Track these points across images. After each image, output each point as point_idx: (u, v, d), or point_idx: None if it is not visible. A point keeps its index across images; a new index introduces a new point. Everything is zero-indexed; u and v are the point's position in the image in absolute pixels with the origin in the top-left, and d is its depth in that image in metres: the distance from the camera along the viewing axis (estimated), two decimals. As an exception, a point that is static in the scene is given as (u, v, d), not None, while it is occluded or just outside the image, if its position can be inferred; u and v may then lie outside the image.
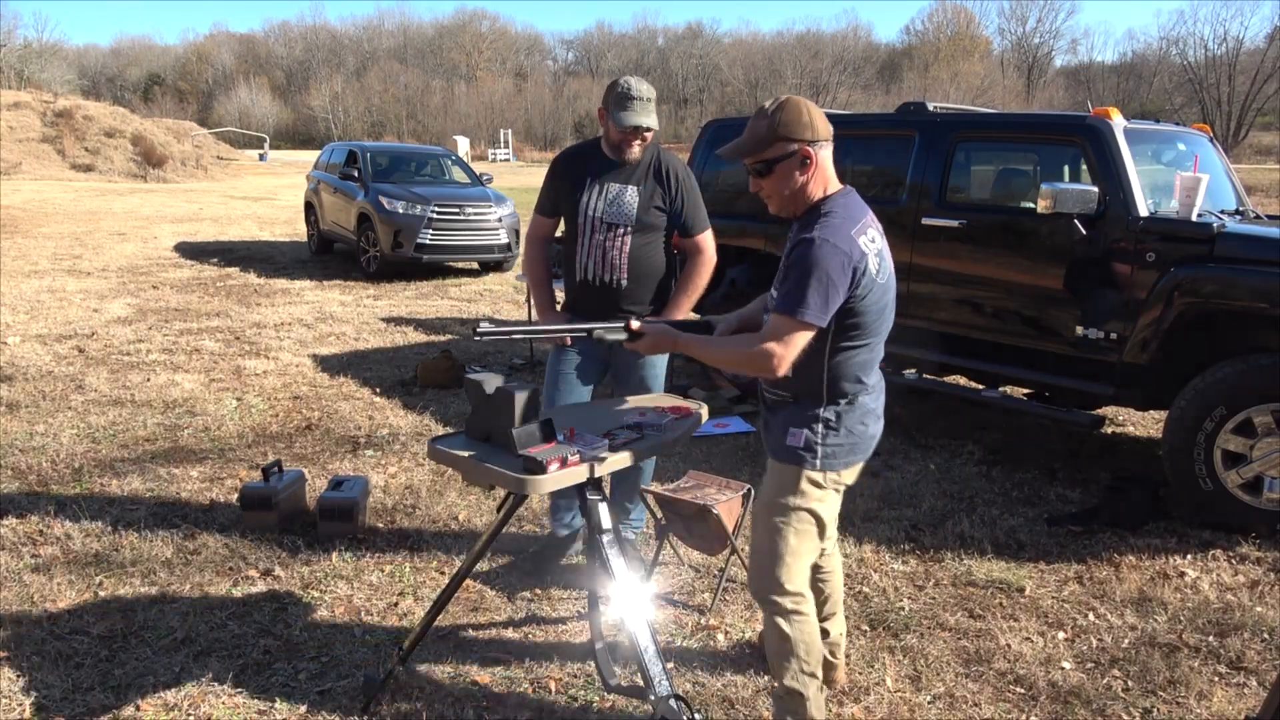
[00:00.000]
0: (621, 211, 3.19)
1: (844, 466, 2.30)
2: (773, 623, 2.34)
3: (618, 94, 3.09)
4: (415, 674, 2.79)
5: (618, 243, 3.20)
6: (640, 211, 3.19)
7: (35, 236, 13.71)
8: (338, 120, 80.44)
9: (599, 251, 3.22)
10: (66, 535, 3.72)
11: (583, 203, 3.21)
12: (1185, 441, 3.89)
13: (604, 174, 3.22)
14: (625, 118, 3.07)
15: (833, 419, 2.26)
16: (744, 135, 2.21)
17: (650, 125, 3.11)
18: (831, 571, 2.66)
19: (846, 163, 5.49)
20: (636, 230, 3.21)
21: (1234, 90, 56.27)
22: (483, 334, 2.28)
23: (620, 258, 3.21)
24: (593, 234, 3.21)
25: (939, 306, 4.90)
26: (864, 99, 69.41)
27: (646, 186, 3.20)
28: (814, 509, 2.29)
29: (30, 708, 2.61)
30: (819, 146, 2.17)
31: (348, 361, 6.78)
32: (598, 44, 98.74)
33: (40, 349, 6.85)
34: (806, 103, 2.18)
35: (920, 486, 4.44)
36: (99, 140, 29.05)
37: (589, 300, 3.29)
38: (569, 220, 3.31)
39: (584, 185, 3.22)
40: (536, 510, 4.04)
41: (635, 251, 3.22)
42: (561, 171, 3.32)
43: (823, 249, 2.08)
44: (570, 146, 3.45)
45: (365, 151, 12.19)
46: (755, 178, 2.24)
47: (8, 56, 56.27)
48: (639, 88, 3.10)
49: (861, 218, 2.20)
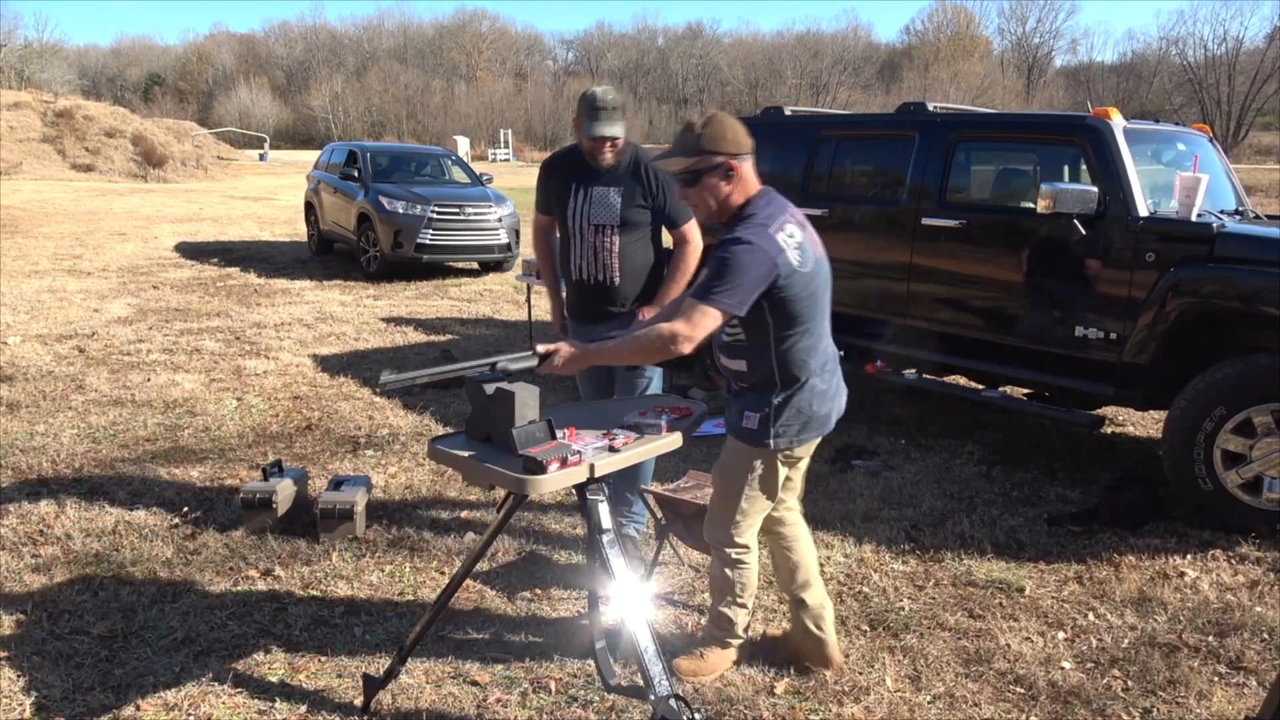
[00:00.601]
0: (607, 212, 3.32)
1: (794, 444, 2.55)
2: (720, 565, 2.73)
3: (586, 105, 3.23)
4: (415, 674, 2.79)
5: (607, 242, 3.34)
6: (624, 211, 3.31)
7: (35, 236, 13.71)
8: (338, 120, 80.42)
9: (591, 252, 3.36)
10: (66, 535, 3.72)
11: (570, 207, 3.36)
12: (1185, 441, 3.89)
13: (587, 178, 3.34)
14: (593, 128, 3.21)
15: (781, 402, 2.50)
16: (674, 147, 2.44)
17: (615, 135, 3.24)
18: (797, 539, 2.82)
19: (847, 163, 5.50)
20: (623, 229, 3.33)
21: (1234, 90, 56.29)
22: (385, 384, 2.29)
23: (610, 257, 3.35)
24: (583, 236, 3.36)
25: (939, 306, 4.90)
26: (864, 99, 69.41)
27: (627, 187, 3.31)
28: (764, 479, 2.60)
29: (30, 708, 2.61)
30: (741, 159, 2.42)
31: (348, 361, 6.78)
32: (598, 44, 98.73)
33: (40, 349, 6.85)
34: (732, 120, 2.44)
35: (920, 486, 4.44)
36: (99, 140, 29.04)
37: (585, 298, 3.46)
38: (560, 224, 3.47)
39: (570, 191, 3.36)
40: (536, 510, 4.04)
41: (625, 249, 3.35)
42: (548, 176, 3.48)
43: (740, 247, 2.32)
44: (555, 153, 3.57)
45: (365, 151, 12.19)
46: (683, 187, 2.48)
47: (8, 56, 56.27)
48: (605, 98, 3.22)
49: (780, 215, 2.42)
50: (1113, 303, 4.18)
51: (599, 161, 3.29)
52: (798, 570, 2.80)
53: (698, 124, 2.42)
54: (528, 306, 7.56)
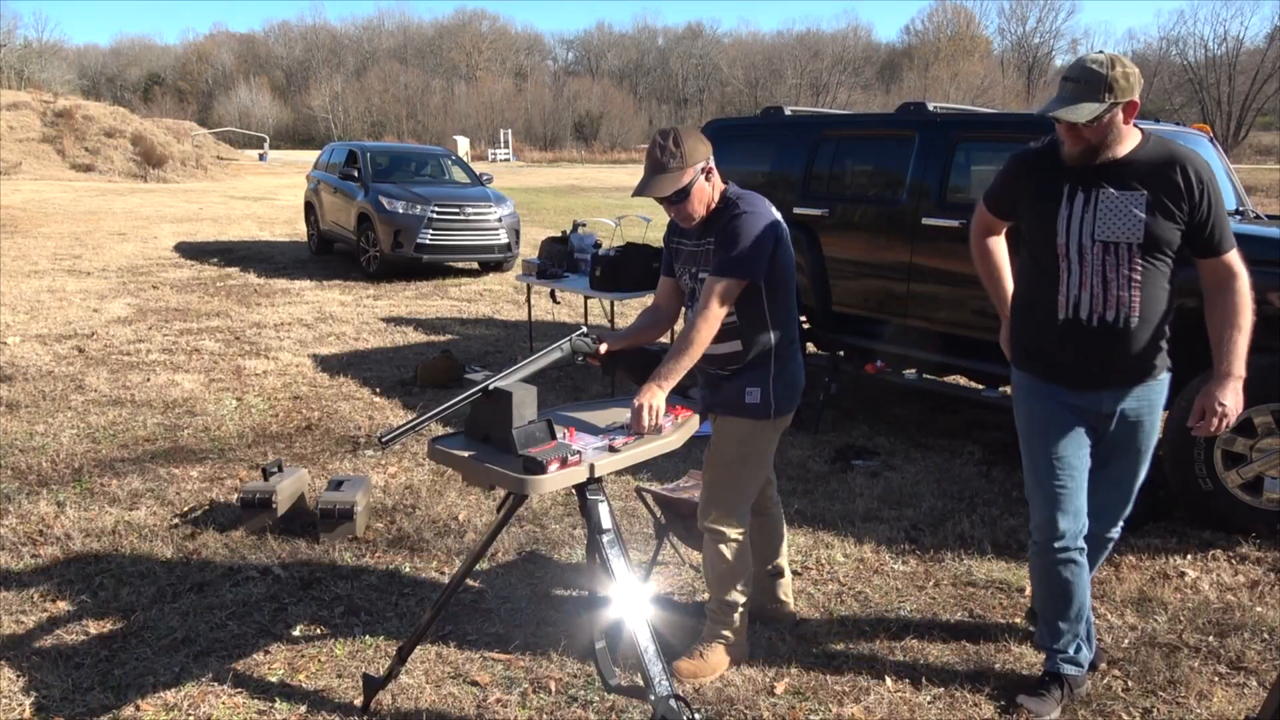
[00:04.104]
0: (1125, 225, 2.41)
1: (787, 411, 2.72)
2: (717, 549, 2.76)
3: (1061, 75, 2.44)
4: (415, 674, 2.79)
5: (1124, 268, 2.42)
6: (1151, 224, 2.39)
7: (35, 236, 13.71)
8: (338, 120, 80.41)
9: (1097, 280, 2.44)
10: (66, 535, 3.72)
11: (1063, 215, 2.46)
12: (1185, 441, 3.89)
13: (1088, 179, 2.44)
14: (1048, 106, 2.38)
15: (777, 373, 2.68)
16: (659, 178, 2.53)
17: (1078, 120, 2.32)
18: (774, 516, 3.06)
19: (847, 163, 5.50)
20: (1145, 250, 2.41)
21: (1234, 90, 56.32)
22: (384, 439, 2.21)
23: (1129, 288, 2.43)
24: (1083, 257, 2.45)
25: (939, 306, 4.90)
26: (864, 99, 69.44)
27: (1153, 191, 2.39)
28: (764, 452, 2.76)
29: (30, 708, 2.61)
30: (712, 158, 2.60)
31: (348, 361, 6.78)
32: (598, 44, 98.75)
33: (40, 349, 6.85)
34: (689, 128, 2.64)
35: (920, 486, 4.44)
36: (99, 140, 29.03)
37: (1076, 345, 2.51)
38: (1035, 239, 2.55)
39: (1060, 193, 2.47)
40: (536, 510, 4.04)
41: (1148, 280, 2.44)
42: (1026, 172, 2.60)
43: (744, 217, 2.54)
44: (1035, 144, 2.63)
45: (365, 151, 12.20)
46: (671, 205, 2.59)
47: (8, 56, 56.27)
48: (1074, 68, 2.38)
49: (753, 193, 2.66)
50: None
51: (1074, 155, 2.42)
52: (780, 543, 3.07)
53: (670, 146, 2.53)
54: (528, 307, 7.56)
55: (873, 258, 5.19)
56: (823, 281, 5.42)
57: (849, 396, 5.89)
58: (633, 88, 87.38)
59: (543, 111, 79.65)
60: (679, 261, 2.78)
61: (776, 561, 3.08)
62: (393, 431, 2.24)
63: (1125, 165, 2.42)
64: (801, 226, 5.44)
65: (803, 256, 5.38)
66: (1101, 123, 2.35)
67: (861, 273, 5.26)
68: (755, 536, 2.94)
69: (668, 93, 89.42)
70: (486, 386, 2.33)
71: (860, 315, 5.32)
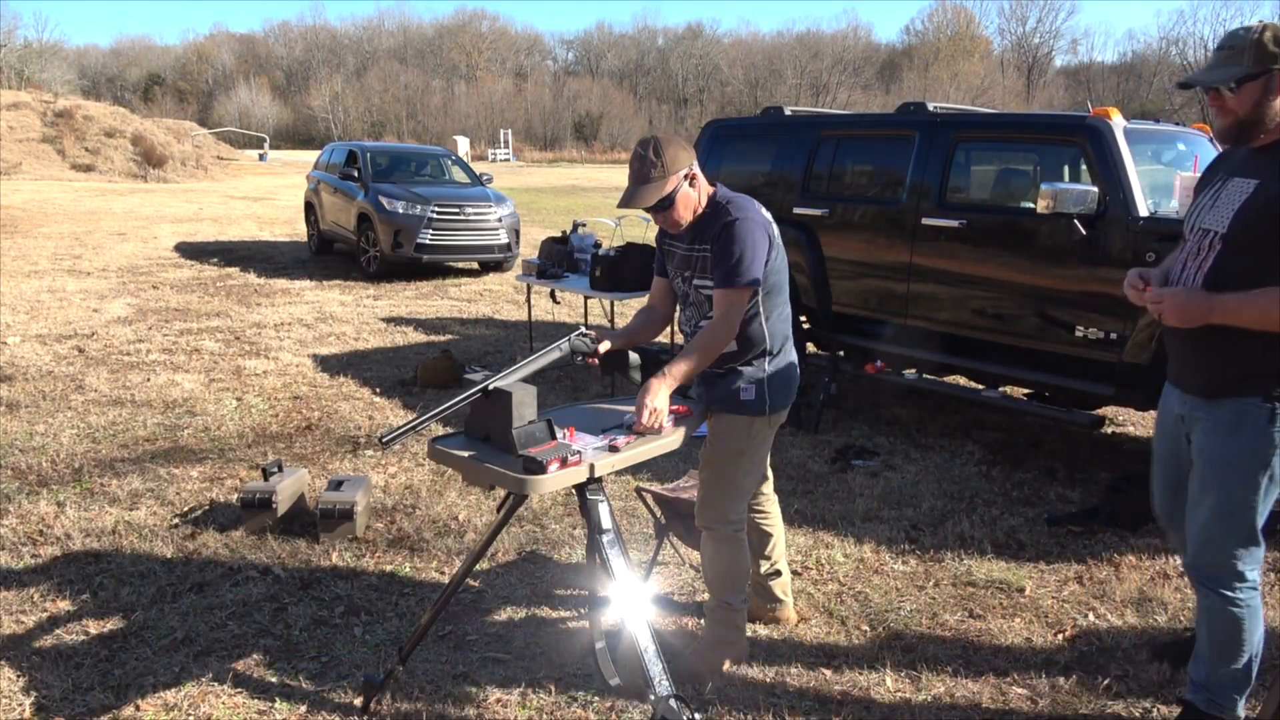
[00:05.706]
0: (1217, 210, 2.22)
1: (782, 407, 2.74)
2: (716, 547, 2.77)
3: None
4: (415, 674, 2.79)
5: (1200, 256, 2.24)
6: (1250, 212, 2.14)
7: (35, 236, 13.71)
8: (338, 120, 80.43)
9: (1193, 266, 2.27)
10: (66, 535, 3.72)
11: (1197, 204, 2.33)
12: (1185, 441, 3.88)
13: (1226, 163, 2.29)
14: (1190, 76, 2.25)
15: (773, 370, 2.70)
16: (642, 188, 2.53)
17: (1209, 82, 2.16)
18: (771, 514, 3.05)
19: (847, 163, 5.50)
20: (1231, 243, 2.17)
21: (1234, 90, 56.14)
22: (385, 439, 2.21)
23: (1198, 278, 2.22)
24: (1185, 244, 2.33)
25: (939, 306, 4.90)
26: (864, 99, 69.44)
27: (1268, 177, 2.14)
28: (761, 447, 2.77)
29: (30, 708, 2.61)
30: (695, 164, 2.60)
31: (348, 361, 6.78)
32: (598, 44, 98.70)
33: (40, 349, 6.85)
34: (671, 135, 2.64)
35: (920, 486, 4.44)
36: (99, 140, 29.04)
37: (1172, 346, 2.40)
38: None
39: (1210, 180, 2.33)
40: (536, 510, 4.04)
41: (1229, 269, 2.17)
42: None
43: (746, 224, 2.55)
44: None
45: (365, 151, 12.19)
46: (658, 213, 2.60)
47: (8, 56, 56.25)
48: (1225, 36, 2.22)
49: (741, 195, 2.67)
50: (1113, 303, 4.18)
51: (1223, 131, 2.22)
52: (778, 542, 3.05)
53: (650, 156, 2.53)
54: (528, 307, 7.56)
55: (873, 258, 5.19)
56: (823, 281, 5.42)
57: (849, 396, 5.89)
58: (633, 88, 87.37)
59: (543, 112, 79.65)
60: (672, 264, 2.79)
61: (776, 561, 3.08)
62: (393, 431, 2.24)
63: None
64: (801, 227, 5.44)
65: (803, 256, 5.38)
66: (1246, 90, 2.08)
67: (861, 273, 5.26)
68: (753, 536, 2.94)
69: (668, 93, 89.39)
70: (486, 386, 2.33)
71: (860, 315, 5.32)
